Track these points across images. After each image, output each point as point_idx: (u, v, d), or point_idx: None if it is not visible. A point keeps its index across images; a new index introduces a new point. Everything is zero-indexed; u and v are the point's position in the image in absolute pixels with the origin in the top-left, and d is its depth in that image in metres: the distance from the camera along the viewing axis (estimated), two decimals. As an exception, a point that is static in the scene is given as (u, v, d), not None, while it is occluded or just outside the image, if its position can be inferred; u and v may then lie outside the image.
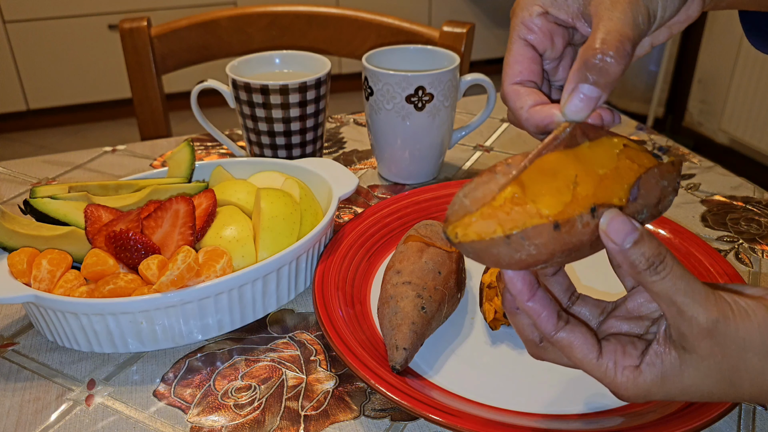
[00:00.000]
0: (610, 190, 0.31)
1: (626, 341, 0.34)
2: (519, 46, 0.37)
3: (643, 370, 0.33)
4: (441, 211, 0.64)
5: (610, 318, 0.37)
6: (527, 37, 0.37)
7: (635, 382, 0.33)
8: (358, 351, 0.45)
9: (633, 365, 0.33)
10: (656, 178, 0.32)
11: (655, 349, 0.33)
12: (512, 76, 0.37)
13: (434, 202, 0.64)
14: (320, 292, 0.50)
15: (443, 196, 0.65)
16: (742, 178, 0.74)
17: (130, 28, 0.96)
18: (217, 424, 0.43)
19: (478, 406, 0.43)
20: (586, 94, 0.32)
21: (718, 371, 0.32)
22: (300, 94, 0.67)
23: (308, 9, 1.01)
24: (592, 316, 0.37)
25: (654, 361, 0.33)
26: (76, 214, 0.53)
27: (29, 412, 0.44)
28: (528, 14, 0.36)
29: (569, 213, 0.30)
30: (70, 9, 2.55)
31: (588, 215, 0.30)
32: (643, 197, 0.32)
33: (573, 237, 0.30)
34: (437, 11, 3.07)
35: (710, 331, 0.31)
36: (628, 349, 0.34)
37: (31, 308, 0.49)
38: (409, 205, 0.63)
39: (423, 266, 0.49)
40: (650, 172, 0.32)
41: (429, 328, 0.47)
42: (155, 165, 0.77)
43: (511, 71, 0.37)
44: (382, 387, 0.42)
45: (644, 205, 0.32)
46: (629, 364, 0.33)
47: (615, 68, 0.31)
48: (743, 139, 2.29)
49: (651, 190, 0.32)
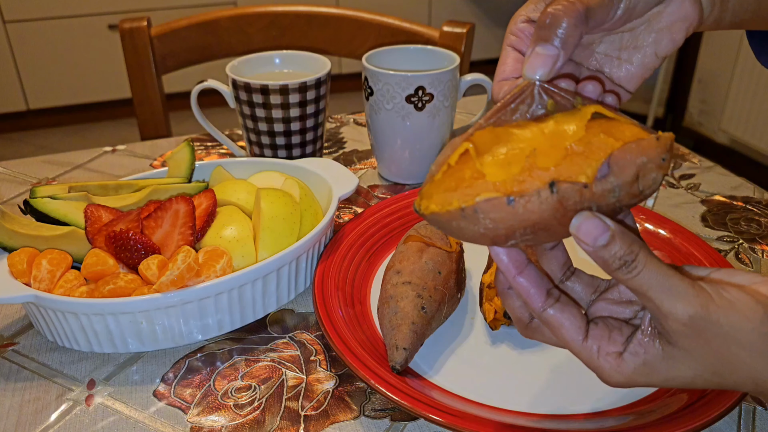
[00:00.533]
0: (576, 165, 0.29)
1: (613, 326, 0.34)
2: (506, 52, 0.40)
3: (625, 359, 0.33)
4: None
5: (601, 300, 0.37)
6: (515, 45, 0.39)
7: (618, 369, 0.33)
8: (358, 351, 0.45)
9: (617, 352, 0.33)
10: (633, 154, 0.30)
11: (639, 339, 0.33)
12: (499, 75, 0.39)
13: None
14: (320, 292, 0.50)
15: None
16: (742, 178, 0.74)
17: (130, 28, 0.96)
18: (217, 424, 0.43)
19: (479, 406, 0.43)
20: (539, 52, 0.34)
21: (702, 363, 0.32)
22: (300, 94, 0.67)
23: (308, 9, 1.01)
24: (585, 294, 0.37)
25: (637, 351, 0.33)
26: (76, 214, 0.53)
27: (29, 412, 0.44)
28: (514, 23, 0.39)
29: (525, 187, 0.28)
30: (70, 9, 2.55)
31: (546, 190, 0.28)
32: (616, 174, 0.29)
33: (532, 214, 0.28)
34: (437, 11, 3.07)
35: (690, 325, 0.31)
36: (613, 335, 0.34)
37: (31, 308, 0.49)
38: (410, 205, 0.63)
39: (423, 266, 0.49)
40: (626, 147, 0.29)
41: (429, 328, 0.47)
42: (155, 165, 0.77)
43: (498, 71, 0.40)
44: (382, 387, 0.42)
45: (616, 185, 0.29)
46: (613, 351, 0.33)
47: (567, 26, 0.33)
48: (743, 139, 2.28)
49: (625, 167, 0.29)
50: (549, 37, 0.34)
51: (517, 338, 0.49)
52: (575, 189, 0.29)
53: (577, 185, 0.29)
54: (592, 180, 0.29)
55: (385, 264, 0.58)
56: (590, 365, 0.34)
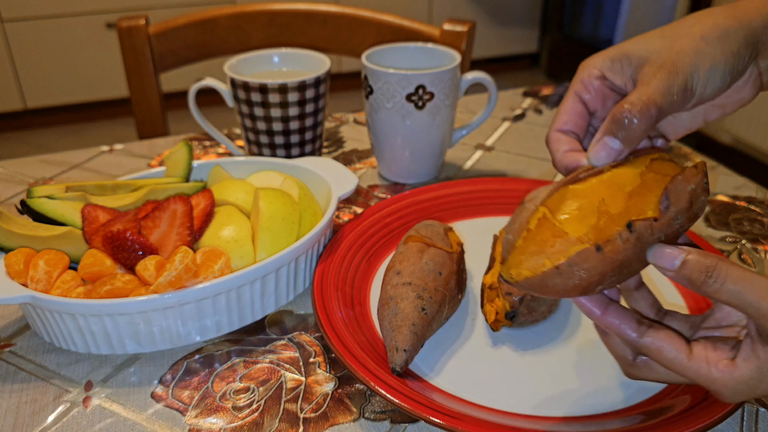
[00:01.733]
0: (641, 204, 0.33)
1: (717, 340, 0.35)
2: (572, 100, 0.41)
3: (738, 365, 0.33)
4: (441, 210, 0.63)
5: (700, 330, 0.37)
6: (582, 95, 0.40)
7: (732, 376, 0.33)
8: (357, 352, 0.45)
9: (727, 358, 0.33)
10: (682, 184, 0.34)
11: (748, 345, 0.33)
12: (558, 123, 0.41)
13: (434, 202, 0.64)
14: (319, 293, 0.50)
15: (443, 196, 0.64)
16: (745, 178, 0.73)
17: (128, 27, 0.95)
18: (215, 426, 0.42)
19: (479, 408, 0.43)
20: (609, 146, 0.36)
21: None
22: (299, 92, 0.67)
23: (307, 7, 1.01)
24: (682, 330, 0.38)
25: (749, 356, 0.33)
26: (73, 214, 0.52)
27: (26, 414, 0.44)
28: (588, 75, 0.40)
29: (608, 233, 0.32)
30: (68, 7, 2.55)
31: (626, 231, 0.32)
32: (675, 204, 0.34)
33: (618, 254, 0.33)
34: (437, 9, 3.07)
35: None
36: (718, 345, 0.34)
37: (28, 309, 0.48)
38: (410, 205, 0.63)
39: (423, 267, 0.49)
40: (675, 180, 0.34)
41: (429, 330, 0.47)
42: (153, 164, 0.77)
43: (558, 119, 0.41)
44: (382, 389, 0.41)
45: (677, 212, 0.34)
46: (723, 358, 0.33)
47: (637, 127, 0.35)
48: (746, 138, 2.28)
49: (680, 196, 0.34)
50: (622, 137, 0.35)
51: (519, 339, 0.49)
52: (647, 224, 0.33)
53: (648, 220, 0.33)
54: (658, 213, 0.33)
55: (385, 264, 0.57)
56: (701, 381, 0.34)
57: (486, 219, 0.63)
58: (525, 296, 0.48)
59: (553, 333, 0.50)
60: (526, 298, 0.48)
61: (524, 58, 3.50)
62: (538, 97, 0.96)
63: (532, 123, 0.87)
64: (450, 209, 0.64)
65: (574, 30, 3.27)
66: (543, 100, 0.94)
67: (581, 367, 0.47)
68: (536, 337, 0.49)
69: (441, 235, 0.52)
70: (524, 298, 0.48)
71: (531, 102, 0.94)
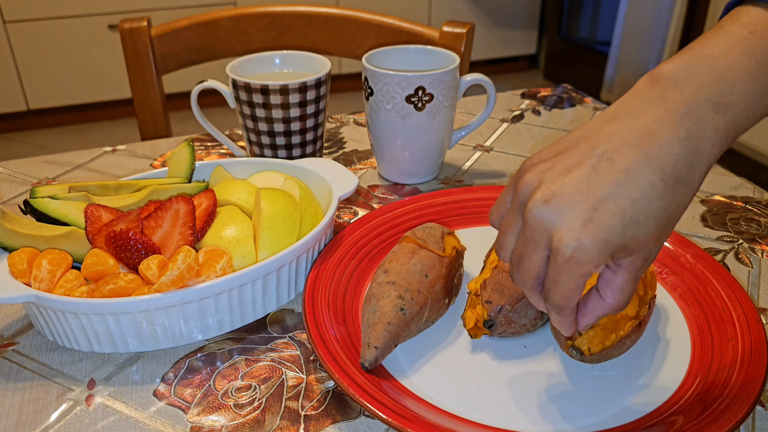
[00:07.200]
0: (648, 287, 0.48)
1: None
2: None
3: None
4: (448, 217, 0.64)
5: None
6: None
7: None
8: (331, 345, 0.45)
9: None
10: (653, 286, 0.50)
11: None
12: None
13: (440, 208, 0.64)
14: (311, 291, 0.51)
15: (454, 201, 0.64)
16: (742, 178, 0.74)
17: (130, 28, 0.96)
18: (217, 424, 0.43)
19: (439, 411, 0.43)
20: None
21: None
22: (300, 94, 0.67)
23: (308, 9, 1.01)
24: None
25: None
26: (76, 214, 0.53)
27: (29, 412, 0.44)
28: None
29: (642, 311, 0.46)
30: (70, 9, 2.56)
31: (646, 305, 0.47)
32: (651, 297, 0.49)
33: (646, 323, 0.47)
34: (437, 11, 3.07)
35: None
36: None
37: (31, 308, 0.49)
38: (411, 211, 0.63)
39: (410, 268, 0.49)
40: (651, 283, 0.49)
41: (406, 330, 0.47)
42: (155, 165, 0.77)
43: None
44: (345, 382, 0.42)
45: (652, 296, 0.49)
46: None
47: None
48: (743, 138, 2.28)
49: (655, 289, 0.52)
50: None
51: (499, 348, 0.49)
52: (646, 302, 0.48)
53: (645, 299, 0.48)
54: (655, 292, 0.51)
55: (384, 264, 0.57)
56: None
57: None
58: (504, 306, 0.47)
59: (537, 346, 0.49)
60: (505, 308, 0.47)
61: (522, 60, 3.50)
62: (536, 98, 0.96)
63: (531, 124, 0.88)
64: (461, 215, 0.64)
65: (572, 32, 3.28)
66: (541, 102, 0.95)
67: (560, 383, 0.46)
68: (518, 348, 0.49)
69: (436, 238, 0.52)
70: (503, 308, 0.47)
71: (529, 103, 0.94)
